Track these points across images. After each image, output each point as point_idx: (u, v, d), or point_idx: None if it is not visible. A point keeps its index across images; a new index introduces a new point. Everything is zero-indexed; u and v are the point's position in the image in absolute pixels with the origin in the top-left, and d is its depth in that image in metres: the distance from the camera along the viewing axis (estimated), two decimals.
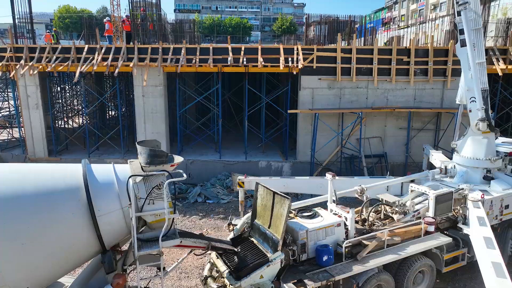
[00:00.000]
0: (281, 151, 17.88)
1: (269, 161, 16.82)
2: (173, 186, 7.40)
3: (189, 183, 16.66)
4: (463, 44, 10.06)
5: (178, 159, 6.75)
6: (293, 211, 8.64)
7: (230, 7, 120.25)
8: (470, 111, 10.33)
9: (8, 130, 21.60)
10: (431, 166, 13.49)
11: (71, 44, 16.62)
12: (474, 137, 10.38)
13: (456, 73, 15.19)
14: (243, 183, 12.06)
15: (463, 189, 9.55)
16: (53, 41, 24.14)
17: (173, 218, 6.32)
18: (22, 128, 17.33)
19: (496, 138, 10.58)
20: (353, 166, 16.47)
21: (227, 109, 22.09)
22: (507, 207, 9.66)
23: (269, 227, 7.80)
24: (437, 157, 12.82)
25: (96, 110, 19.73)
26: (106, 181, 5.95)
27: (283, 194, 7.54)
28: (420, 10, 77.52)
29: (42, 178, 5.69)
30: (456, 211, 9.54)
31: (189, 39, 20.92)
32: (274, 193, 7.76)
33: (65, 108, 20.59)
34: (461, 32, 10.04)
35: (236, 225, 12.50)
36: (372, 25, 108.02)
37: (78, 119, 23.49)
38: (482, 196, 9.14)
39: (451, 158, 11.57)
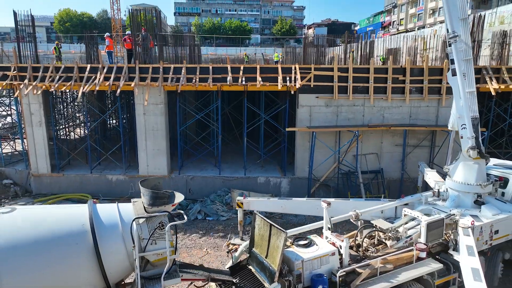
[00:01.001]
0: (279, 166, 18.21)
1: (267, 177, 17.17)
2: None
3: (189, 199, 17.02)
4: (454, 73, 10.39)
5: (178, 198, 7.05)
6: (290, 239, 8.96)
7: (229, 10, 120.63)
8: (462, 137, 10.66)
9: (10, 143, 21.93)
10: (426, 185, 13.86)
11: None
12: (465, 162, 10.70)
13: (451, 91, 15.48)
14: (242, 203, 12.45)
15: (454, 214, 9.87)
16: (55, 53, 24.52)
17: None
18: (25, 141, 17.63)
19: (487, 164, 10.89)
20: (350, 182, 16.80)
21: (227, 122, 22.42)
22: (496, 232, 9.98)
23: (266, 257, 8.13)
24: (431, 176, 13.17)
25: (97, 125, 20.05)
26: (111, 223, 6.28)
27: (279, 227, 7.87)
28: (419, 14, 77.86)
29: (52, 223, 6.03)
30: (447, 235, 9.87)
31: (189, 49, 21.27)
32: (271, 225, 8.09)
33: (67, 124, 20.91)
34: (452, 61, 10.36)
35: (235, 244, 12.89)
36: (371, 28, 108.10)
37: (80, 132, 23.87)
38: (472, 222, 9.46)
39: (444, 177, 11.90)
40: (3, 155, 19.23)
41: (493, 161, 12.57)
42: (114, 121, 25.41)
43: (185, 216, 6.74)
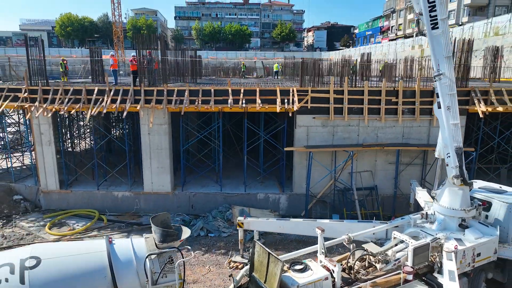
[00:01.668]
0: (278, 182, 18.99)
1: (267, 193, 17.95)
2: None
3: (191, 214, 17.83)
4: (440, 106, 11.16)
5: (185, 234, 7.80)
6: (287, 264, 9.73)
7: (230, 14, 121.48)
8: (447, 165, 11.43)
9: (19, 158, 22.71)
10: (418, 203, 14.60)
11: (81, 85, 17.73)
12: (451, 188, 11.46)
13: None
14: (242, 223, 13.25)
15: (439, 238, 10.66)
16: (61, 69, 25.32)
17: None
18: (33, 155, 18.33)
19: (470, 189, 11.66)
20: (346, 198, 17.57)
21: (228, 137, 23.19)
22: (479, 254, 10.74)
23: (265, 282, 8.91)
24: (421, 196, 13.94)
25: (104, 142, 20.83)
26: (126, 259, 7.05)
27: (276, 256, 8.65)
28: (416, 20, 78.54)
29: (75, 259, 6.79)
30: (433, 257, 10.65)
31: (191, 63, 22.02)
32: (269, 253, 8.87)
33: (74, 141, 21.69)
34: (438, 95, 11.14)
35: (236, 262, 13.68)
36: (370, 32, 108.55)
37: (86, 145, 24.65)
38: (456, 247, 10.23)
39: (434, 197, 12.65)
40: (12, 169, 20.02)
41: (479, 183, 13.39)
42: (119, 131, 26.19)
43: (192, 253, 7.49)
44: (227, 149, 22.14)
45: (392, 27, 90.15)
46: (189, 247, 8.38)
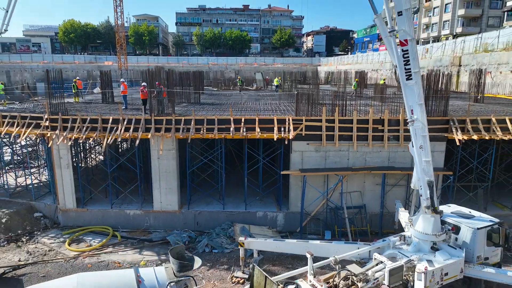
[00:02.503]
0: (276, 200, 20.76)
1: (265, 211, 19.73)
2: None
3: (197, 230, 19.60)
4: (414, 145, 12.92)
5: (197, 263, 9.56)
6: (281, 284, 11.51)
7: (230, 20, 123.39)
8: (421, 195, 13.19)
9: (35, 174, 24.48)
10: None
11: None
12: (424, 216, 13.21)
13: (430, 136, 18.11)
14: (243, 243, 15.01)
15: (413, 260, 12.42)
16: (74, 90, 27.15)
17: None
18: (45, 170, 20.05)
19: (441, 216, 13.41)
20: (337, 216, 19.34)
21: (230, 156, 24.94)
22: (446, 274, 12.49)
23: None
24: (403, 217, 15.68)
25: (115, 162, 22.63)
26: (151, 286, 8.80)
27: (272, 280, 10.43)
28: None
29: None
30: (408, 276, 12.41)
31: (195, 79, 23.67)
32: (266, 277, 10.64)
33: (90, 164, 23.45)
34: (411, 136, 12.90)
35: (238, 277, 15.43)
36: (368, 39, 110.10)
37: (97, 162, 26.41)
38: (425, 268, 11.99)
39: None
40: (32, 188, 21.80)
41: (452, 207, 15.18)
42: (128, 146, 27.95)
43: (203, 281, 9.24)
44: (229, 167, 23.87)
45: None
46: (201, 275, 10.11)
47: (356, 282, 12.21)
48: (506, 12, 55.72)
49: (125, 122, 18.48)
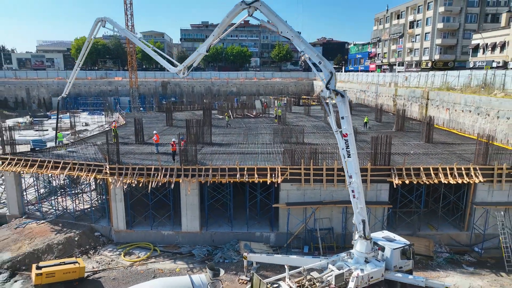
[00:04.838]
0: (269, 223, 28.57)
1: (261, 232, 27.55)
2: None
3: (213, 245, 27.40)
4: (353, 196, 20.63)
5: (222, 272, 17.23)
6: (269, 284, 19.20)
7: (231, 36, 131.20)
8: (357, 229, 20.91)
9: (88, 200, 32.25)
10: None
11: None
12: (360, 240, 20.96)
13: (376, 181, 25.98)
14: (246, 256, 22.76)
15: (351, 268, 20.19)
16: (113, 133, 35.00)
17: None
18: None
19: (371, 242, 21.09)
20: (312, 236, 27.14)
21: (235, 187, 32.68)
22: (372, 277, 20.23)
23: None
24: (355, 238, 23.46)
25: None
26: (199, 286, 16.45)
27: (264, 281, 18.14)
28: (399, 51, 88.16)
29: None
30: (348, 279, 20.17)
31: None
32: (260, 280, 18.36)
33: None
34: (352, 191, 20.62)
35: (243, 279, 23.17)
36: (360, 56, 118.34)
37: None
38: (358, 274, 19.71)
39: None
40: (92, 213, 29.55)
41: (385, 233, 22.92)
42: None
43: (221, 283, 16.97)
44: (236, 194, 31.66)
45: (378, 54, 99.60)
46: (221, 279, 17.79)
47: (315, 283, 20.05)
48: (471, 49, 63.27)
49: (163, 170, 26.29)
